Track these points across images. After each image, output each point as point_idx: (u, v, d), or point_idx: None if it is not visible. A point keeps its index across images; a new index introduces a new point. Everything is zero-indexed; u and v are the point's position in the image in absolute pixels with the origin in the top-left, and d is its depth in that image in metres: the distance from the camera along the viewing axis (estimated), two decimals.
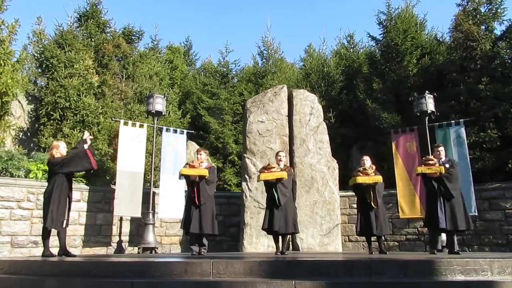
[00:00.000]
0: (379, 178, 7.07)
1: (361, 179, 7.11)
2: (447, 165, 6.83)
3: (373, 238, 7.34)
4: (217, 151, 13.75)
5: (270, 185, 6.85)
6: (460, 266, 4.30)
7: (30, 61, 12.11)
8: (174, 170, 9.62)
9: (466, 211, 6.79)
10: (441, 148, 7.16)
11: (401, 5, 16.28)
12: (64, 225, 6.57)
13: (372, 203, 7.01)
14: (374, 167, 7.36)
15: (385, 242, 8.33)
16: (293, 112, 9.98)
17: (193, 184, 6.74)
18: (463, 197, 6.92)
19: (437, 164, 6.80)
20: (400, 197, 9.79)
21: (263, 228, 6.95)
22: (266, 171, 6.88)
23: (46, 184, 6.82)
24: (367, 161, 7.36)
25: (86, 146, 6.81)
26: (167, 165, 9.92)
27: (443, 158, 7.03)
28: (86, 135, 7.02)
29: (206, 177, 6.72)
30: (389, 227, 7.31)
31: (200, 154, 6.99)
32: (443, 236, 7.81)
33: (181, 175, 6.85)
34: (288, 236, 7.47)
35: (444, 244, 7.94)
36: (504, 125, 10.31)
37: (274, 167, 6.90)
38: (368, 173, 7.12)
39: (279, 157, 7.14)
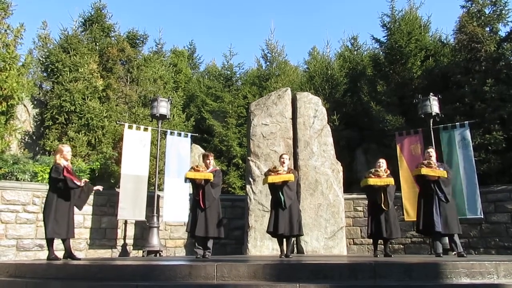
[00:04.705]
0: (390, 181, 7.05)
1: (372, 180, 7.07)
2: (441, 169, 6.80)
3: (379, 241, 7.32)
4: (221, 154, 13.76)
5: (276, 188, 6.83)
6: (465, 269, 4.27)
7: (36, 65, 12.22)
8: (179, 173, 9.64)
9: (457, 216, 6.86)
10: (432, 150, 7.14)
11: (405, 7, 16.29)
12: (68, 234, 6.57)
13: (382, 205, 6.99)
14: (388, 171, 7.35)
15: (390, 245, 8.29)
16: (297, 115, 9.97)
17: (198, 187, 6.76)
18: (455, 202, 6.99)
19: (438, 168, 6.75)
20: (405, 199, 9.76)
21: (268, 232, 6.93)
22: (272, 173, 6.85)
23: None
24: (383, 163, 7.35)
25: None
26: (171, 168, 9.94)
27: (434, 161, 6.97)
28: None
29: (212, 181, 6.74)
30: (399, 231, 7.25)
31: (209, 160, 7.03)
32: (445, 239, 7.74)
33: (187, 179, 6.87)
34: (293, 239, 7.45)
35: (447, 247, 7.89)
36: (510, 127, 10.26)
37: (280, 170, 6.89)
38: (380, 175, 7.10)
39: (282, 160, 7.13)
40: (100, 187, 7.27)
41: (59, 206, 6.47)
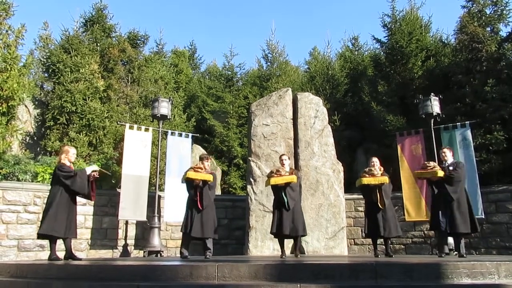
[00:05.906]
0: (385, 179, 7.03)
1: (366, 180, 7.08)
2: (451, 168, 6.78)
3: (379, 241, 7.31)
4: (222, 154, 13.77)
5: (278, 189, 6.83)
6: (466, 269, 4.27)
7: (37, 65, 12.22)
8: (179, 173, 9.62)
9: (471, 214, 6.68)
10: (445, 150, 7.11)
11: (405, 7, 16.27)
12: (68, 234, 6.50)
13: (379, 204, 6.97)
14: (382, 168, 7.34)
15: (391, 245, 8.28)
16: (298, 115, 9.97)
17: (196, 188, 6.76)
18: (469, 200, 6.79)
19: (437, 168, 6.75)
20: (406, 200, 9.76)
21: (271, 232, 6.92)
22: (275, 175, 6.85)
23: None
24: (376, 162, 7.33)
25: (89, 171, 6.73)
26: (172, 168, 9.95)
27: (449, 160, 6.97)
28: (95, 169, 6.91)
29: (209, 182, 6.75)
30: (399, 229, 7.23)
31: (208, 162, 7.03)
32: (450, 239, 7.74)
33: (185, 179, 6.87)
34: (299, 238, 7.45)
35: (452, 247, 7.88)
36: (511, 127, 10.25)
37: (282, 172, 6.89)
38: (374, 174, 7.10)
39: (282, 161, 7.13)
40: (96, 167, 6.99)
41: (61, 205, 6.43)
